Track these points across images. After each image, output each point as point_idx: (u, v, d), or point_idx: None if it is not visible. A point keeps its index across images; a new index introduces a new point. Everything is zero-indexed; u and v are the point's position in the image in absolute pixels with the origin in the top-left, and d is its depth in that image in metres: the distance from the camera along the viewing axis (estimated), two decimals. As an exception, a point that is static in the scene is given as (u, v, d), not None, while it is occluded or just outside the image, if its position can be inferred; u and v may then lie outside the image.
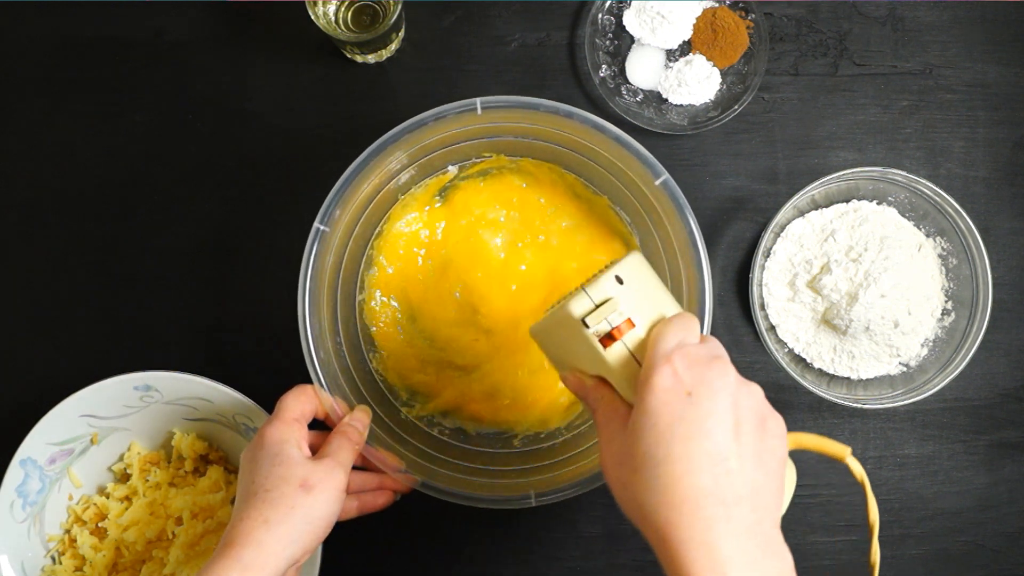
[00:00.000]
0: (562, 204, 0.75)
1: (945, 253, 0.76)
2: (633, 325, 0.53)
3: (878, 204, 0.77)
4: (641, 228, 0.73)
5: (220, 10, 0.80)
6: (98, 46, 0.80)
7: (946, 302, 0.76)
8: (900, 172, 0.73)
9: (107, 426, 0.73)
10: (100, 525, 0.73)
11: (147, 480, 0.74)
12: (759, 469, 0.48)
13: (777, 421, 0.50)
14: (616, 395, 0.53)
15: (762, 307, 0.77)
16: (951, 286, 0.76)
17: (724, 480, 0.46)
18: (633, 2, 0.79)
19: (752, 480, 0.47)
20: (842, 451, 0.54)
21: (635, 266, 0.55)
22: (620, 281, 0.54)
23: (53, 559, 0.73)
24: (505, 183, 0.75)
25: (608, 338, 0.52)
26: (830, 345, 0.76)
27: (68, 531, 0.73)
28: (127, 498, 0.74)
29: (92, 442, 0.73)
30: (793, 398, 0.79)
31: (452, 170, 0.75)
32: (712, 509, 0.46)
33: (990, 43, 0.81)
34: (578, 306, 0.53)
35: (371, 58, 0.79)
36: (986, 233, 0.78)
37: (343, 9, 0.77)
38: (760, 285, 0.77)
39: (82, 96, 0.80)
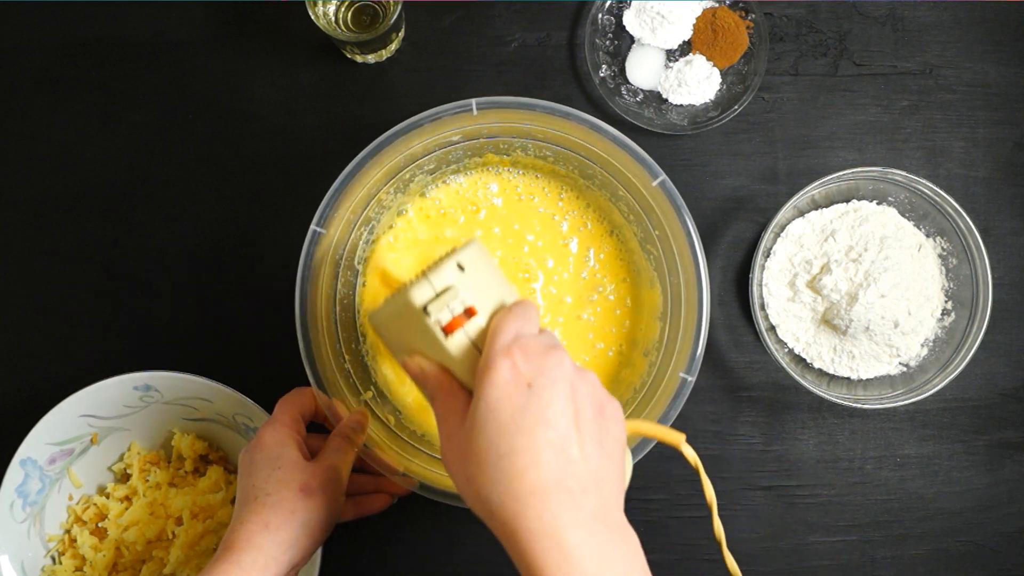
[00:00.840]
0: (562, 207, 0.75)
1: (945, 253, 0.76)
2: (475, 313, 0.52)
3: (878, 204, 0.77)
4: (640, 228, 0.73)
5: (220, 10, 0.80)
6: (98, 46, 0.80)
7: (946, 302, 0.76)
8: (900, 172, 0.73)
9: (107, 426, 0.73)
10: (100, 525, 0.73)
11: (147, 480, 0.74)
12: (601, 455, 0.48)
13: (615, 406, 0.50)
14: (456, 383, 0.52)
15: (762, 307, 0.77)
16: (951, 286, 0.76)
17: (568, 469, 0.46)
18: (633, 2, 0.79)
19: (596, 467, 0.47)
20: (677, 439, 0.54)
21: (476, 253, 0.54)
22: (461, 268, 0.52)
23: (53, 559, 0.73)
24: (506, 183, 0.75)
25: (450, 327, 0.51)
26: (830, 345, 0.76)
27: (68, 531, 0.73)
28: (127, 498, 0.74)
29: (92, 442, 0.73)
30: (793, 398, 0.79)
31: (449, 170, 0.75)
32: (558, 498, 0.45)
33: (990, 43, 0.81)
34: (420, 294, 0.51)
35: (371, 58, 0.79)
36: (986, 233, 0.78)
37: (343, 9, 0.77)
38: (760, 285, 0.77)
39: (82, 96, 0.80)
